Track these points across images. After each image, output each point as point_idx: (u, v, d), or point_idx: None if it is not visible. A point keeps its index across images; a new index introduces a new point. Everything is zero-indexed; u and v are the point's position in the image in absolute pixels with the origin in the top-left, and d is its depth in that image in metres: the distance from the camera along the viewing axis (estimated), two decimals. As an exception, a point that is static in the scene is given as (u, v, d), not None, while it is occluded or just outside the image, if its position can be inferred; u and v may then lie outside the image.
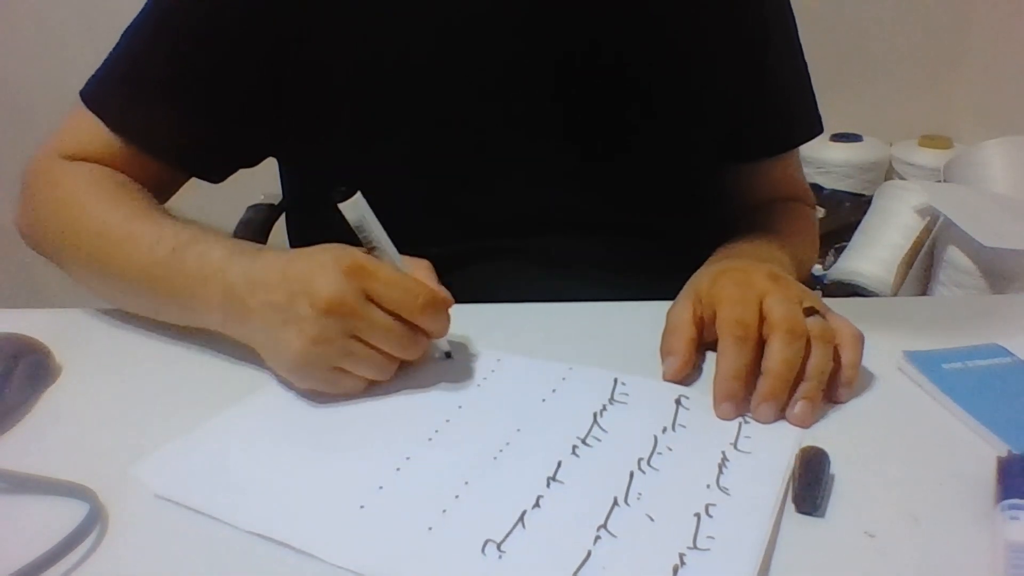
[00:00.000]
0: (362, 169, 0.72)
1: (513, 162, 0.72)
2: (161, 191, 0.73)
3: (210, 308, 0.57)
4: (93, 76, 0.71)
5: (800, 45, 0.82)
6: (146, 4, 0.70)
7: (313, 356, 0.52)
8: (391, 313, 0.53)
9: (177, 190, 0.75)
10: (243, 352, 0.59)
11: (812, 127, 0.84)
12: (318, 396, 0.55)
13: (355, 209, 0.53)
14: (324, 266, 0.52)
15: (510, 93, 0.71)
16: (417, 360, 0.57)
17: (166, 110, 0.69)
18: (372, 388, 0.56)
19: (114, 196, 0.66)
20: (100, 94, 0.70)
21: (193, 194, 0.79)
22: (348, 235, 0.55)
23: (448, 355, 0.60)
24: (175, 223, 0.63)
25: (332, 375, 0.54)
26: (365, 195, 0.54)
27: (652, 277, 0.66)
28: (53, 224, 0.67)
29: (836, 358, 0.55)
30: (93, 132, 0.69)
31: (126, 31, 0.70)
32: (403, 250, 0.56)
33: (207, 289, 0.57)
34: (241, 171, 0.76)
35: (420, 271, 0.56)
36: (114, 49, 0.70)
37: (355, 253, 0.54)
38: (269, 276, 0.54)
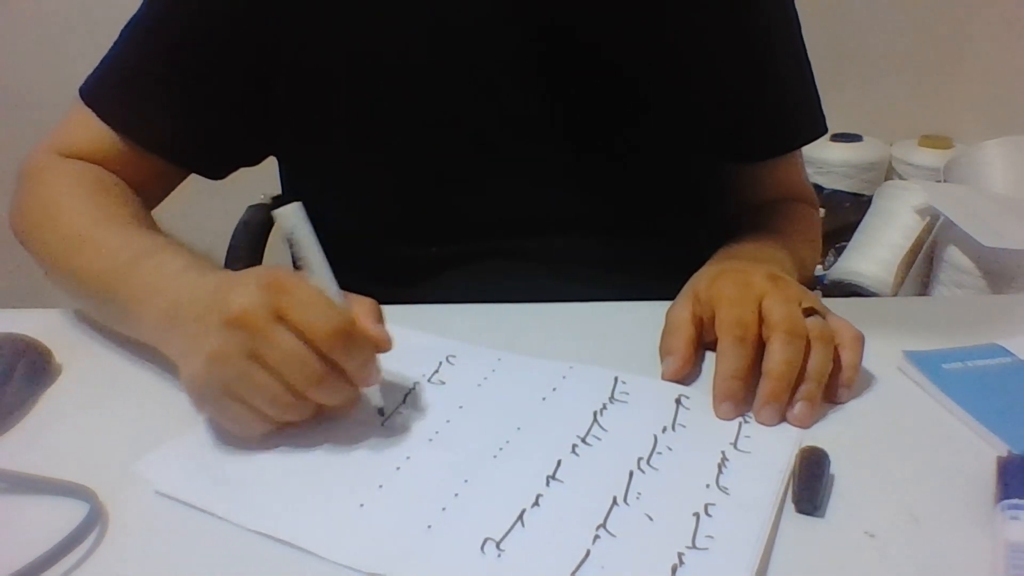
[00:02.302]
0: (359, 168, 0.72)
1: (511, 162, 0.72)
2: (159, 188, 0.73)
3: (151, 321, 0.54)
4: (92, 73, 0.71)
5: (804, 45, 0.81)
6: (144, 2, 0.70)
7: (207, 374, 0.47)
8: (305, 339, 0.46)
9: (175, 187, 0.75)
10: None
11: (815, 127, 0.84)
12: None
13: (287, 220, 0.48)
14: (243, 280, 0.48)
15: (508, 93, 0.71)
16: (340, 410, 0.50)
17: (163, 107, 0.69)
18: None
19: (92, 199, 0.65)
20: (98, 91, 0.70)
21: (193, 194, 0.79)
22: (346, 237, 0.54)
23: (381, 412, 0.52)
24: (144, 232, 0.61)
25: (226, 402, 0.48)
26: (365, 194, 0.53)
27: (651, 277, 0.66)
28: (31, 221, 0.67)
29: (836, 359, 0.55)
30: (91, 129, 0.69)
31: (124, 29, 0.70)
32: (403, 250, 0.55)
33: (154, 301, 0.54)
34: (241, 171, 0.76)
35: (360, 304, 0.50)
36: (113, 47, 0.71)
37: (279, 270, 0.49)
38: (205, 291, 0.50)
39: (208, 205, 1.02)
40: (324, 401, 0.48)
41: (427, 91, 0.70)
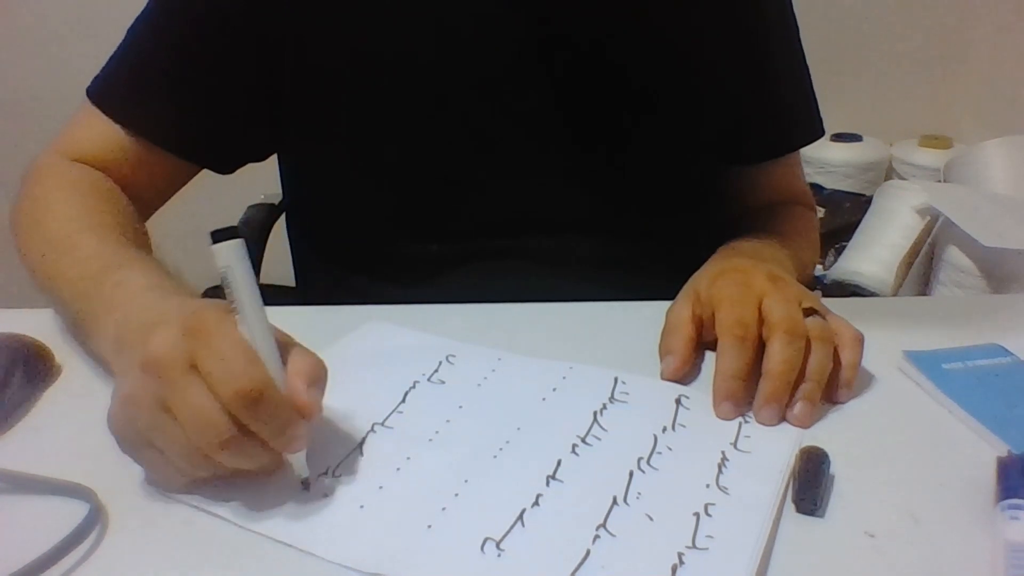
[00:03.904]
0: (362, 166, 0.72)
1: (513, 161, 0.72)
2: (165, 187, 0.74)
3: (105, 338, 0.51)
4: (98, 74, 0.71)
5: (802, 48, 0.82)
6: (149, 1, 0.70)
7: (121, 417, 0.44)
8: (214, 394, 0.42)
9: (182, 185, 0.75)
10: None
11: (813, 130, 0.84)
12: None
13: (222, 257, 0.43)
14: (171, 320, 0.44)
15: (510, 92, 0.71)
16: (259, 474, 0.45)
17: (171, 103, 0.70)
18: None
19: (78, 204, 0.64)
20: (106, 90, 0.71)
21: (193, 194, 0.79)
22: (347, 235, 0.54)
23: (304, 484, 0.46)
24: (118, 243, 0.60)
25: (144, 451, 0.44)
26: (367, 192, 0.52)
27: (651, 277, 0.66)
28: (22, 221, 0.67)
29: (836, 359, 0.55)
30: (99, 129, 0.70)
31: (130, 28, 0.71)
32: (404, 248, 0.54)
33: (108, 319, 0.51)
34: (241, 171, 0.76)
35: (299, 363, 0.45)
36: (119, 47, 0.71)
37: (213, 312, 0.44)
38: (149, 320, 0.46)
39: (208, 205, 1.02)
40: (233, 465, 0.43)
41: (430, 90, 0.70)
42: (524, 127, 0.71)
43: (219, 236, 0.43)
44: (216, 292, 0.46)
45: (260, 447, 0.43)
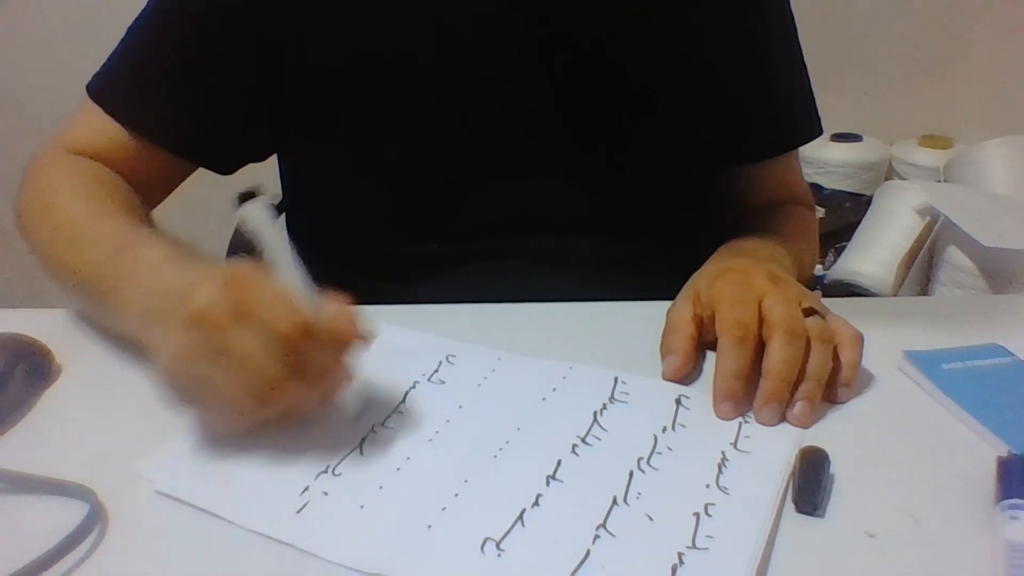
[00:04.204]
0: (361, 165, 0.72)
1: (513, 161, 0.72)
2: (163, 184, 0.74)
3: (130, 314, 0.53)
4: (99, 71, 0.72)
5: (800, 47, 0.82)
6: (149, 2, 0.70)
7: (173, 374, 0.47)
8: (264, 337, 0.45)
9: (179, 183, 0.76)
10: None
11: (812, 129, 0.84)
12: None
13: (251, 217, 0.47)
14: (209, 276, 0.47)
15: (510, 92, 0.71)
16: (313, 412, 0.50)
17: (170, 101, 0.70)
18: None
19: (87, 194, 0.65)
20: (106, 87, 0.71)
21: (193, 194, 0.79)
22: (347, 235, 0.54)
23: (355, 421, 0.51)
24: (128, 224, 0.61)
25: (196, 401, 0.48)
26: (367, 191, 0.53)
27: (651, 277, 0.66)
28: (28, 214, 0.68)
29: (836, 358, 0.55)
30: (99, 125, 0.70)
31: (131, 26, 0.71)
32: (404, 247, 0.55)
33: (131, 294, 0.53)
34: (241, 171, 0.76)
35: (333, 304, 0.48)
36: (119, 44, 0.72)
37: (245, 266, 0.47)
38: (178, 287, 0.49)
39: (208, 205, 1.02)
40: (287, 404, 0.47)
41: (430, 90, 0.70)
42: (524, 127, 0.71)
43: (243, 199, 0.47)
44: None
45: (311, 385, 0.46)
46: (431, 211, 0.73)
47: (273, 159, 0.79)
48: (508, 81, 0.71)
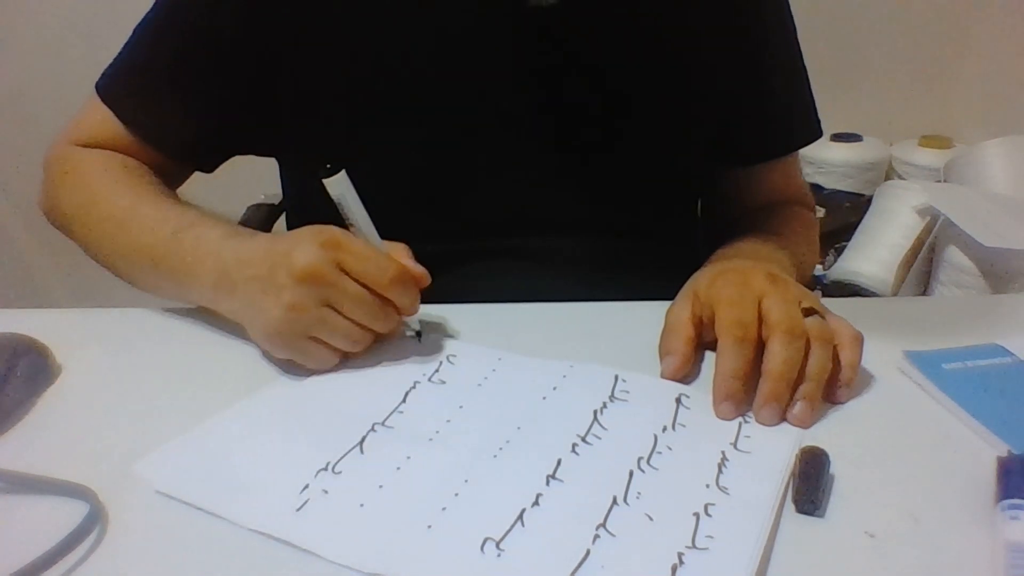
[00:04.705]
0: (358, 168, 0.72)
1: (511, 162, 0.72)
2: (168, 181, 0.75)
3: (203, 286, 0.60)
4: (107, 69, 0.73)
5: (799, 48, 0.82)
6: (156, 0, 0.72)
7: (288, 322, 0.55)
8: (363, 285, 0.55)
9: (182, 182, 0.78)
10: (243, 351, 0.59)
11: (812, 130, 0.84)
12: (301, 373, 0.57)
13: (337, 186, 0.56)
14: (302, 240, 0.55)
15: (507, 94, 0.71)
16: (389, 336, 0.59)
17: (171, 104, 0.71)
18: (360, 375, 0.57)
19: (123, 181, 0.70)
20: (112, 86, 0.73)
21: (194, 193, 0.79)
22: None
23: (418, 335, 0.62)
24: (177, 206, 0.67)
25: (305, 344, 0.56)
26: (363, 193, 0.55)
27: (650, 277, 0.66)
28: (67, 208, 0.71)
29: (835, 359, 0.55)
30: (105, 122, 0.72)
31: (138, 25, 0.72)
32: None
33: (202, 267, 0.60)
34: (241, 171, 0.77)
35: (397, 251, 0.58)
36: (126, 43, 0.73)
37: (333, 229, 0.57)
38: (255, 254, 0.57)
39: (208, 205, 1.02)
40: (384, 331, 0.58)
41: (426, 93, 0.70)
42: (522, 128, 0.71)
43: (326, 174, 0.56)
44: None
45: (395, 314, 0.57)
46: (427, 212, 0.73)
47: (269, 161, 0.80)
48: (505, 83, 0.71)
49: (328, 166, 0.56)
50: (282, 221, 0.98)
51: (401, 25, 0.69)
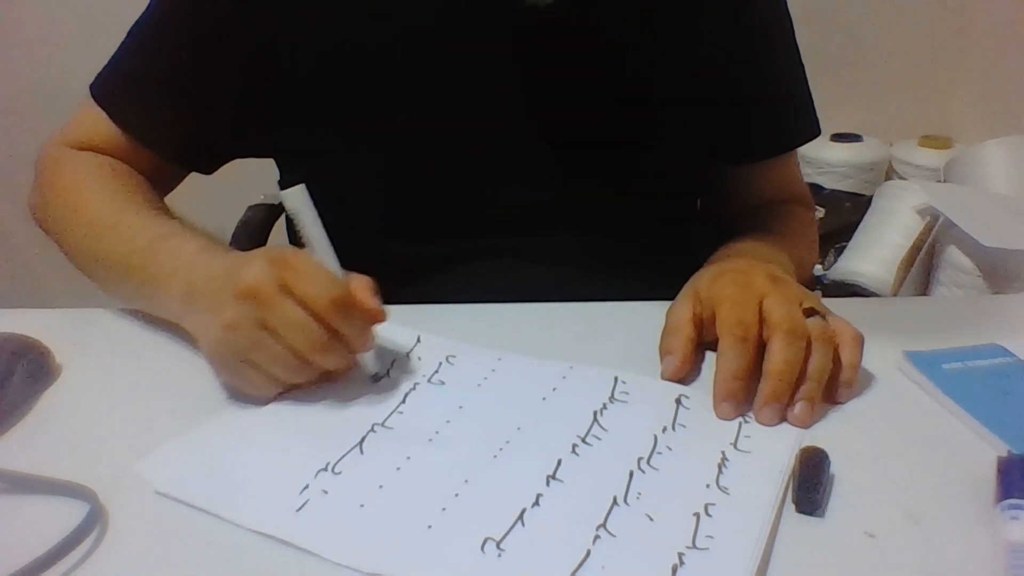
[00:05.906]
0: (353, 167, 0.73)
1: (505, 162, 0.72)
2: (161, 182, 0.75)
3: (171, 299, 0.59)
4: (101, 71, 0.73)
5: (797, 47, 0.82)
6: (151, 2, 0.71)
7: (225, 343, 0.52)
8: (307, 310, 0.51)
9: (178, 183, 0.78)
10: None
11: (810, 129, 0.84)
12: (252, 395, 0.54)
13: (292, 199, 0.54)
14: (256, 257, 0.53)
15: (504, 92, 0.71)
16: (339, 374, 0.55)
17: (164, 106, 0.71)
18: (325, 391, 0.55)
19: (110, 187, 0.69)
20: (106, 88, 0.73)
21: (193, 194, 0.79)
22: (342, 235, 0.55)
23: (375, 377, 0.56)
24: (159, 217, 0.65)
25: (243, 368, 0.52)
26: (359, 193, 0.54)
27: (650, 277, 0.66)
28: (53, 210, 0.71)
29: (836, 359, 0.55)
30: (99, 123, 0.72)
31: (132, 27, 0.72)
32: (399, 248, 0.56)
33: (172, 281, 0.58)
34: (241, 171, 0.77)
35: (357, 282, 0.54)
36: (120, 45, 0.73)
37: (287, 248, 0.55)
38: (220, 270, 0.55)
39: (208, 205, 1.02)
40: (325, 365, 0.53)
41: (420, 90, 0.70)
42: (520, 127, 0.71)
43: (285, 185, 0.53)
44: None
45: (342, 348, 0.52)
46: (425, 212, 0.73)
47: (269, 161, 0.79)
48: (502, 81, 0.71)
49: (291, 178, 0.53)
50: (282, 221, 0.98)
51: (396, 24, 0.69)
